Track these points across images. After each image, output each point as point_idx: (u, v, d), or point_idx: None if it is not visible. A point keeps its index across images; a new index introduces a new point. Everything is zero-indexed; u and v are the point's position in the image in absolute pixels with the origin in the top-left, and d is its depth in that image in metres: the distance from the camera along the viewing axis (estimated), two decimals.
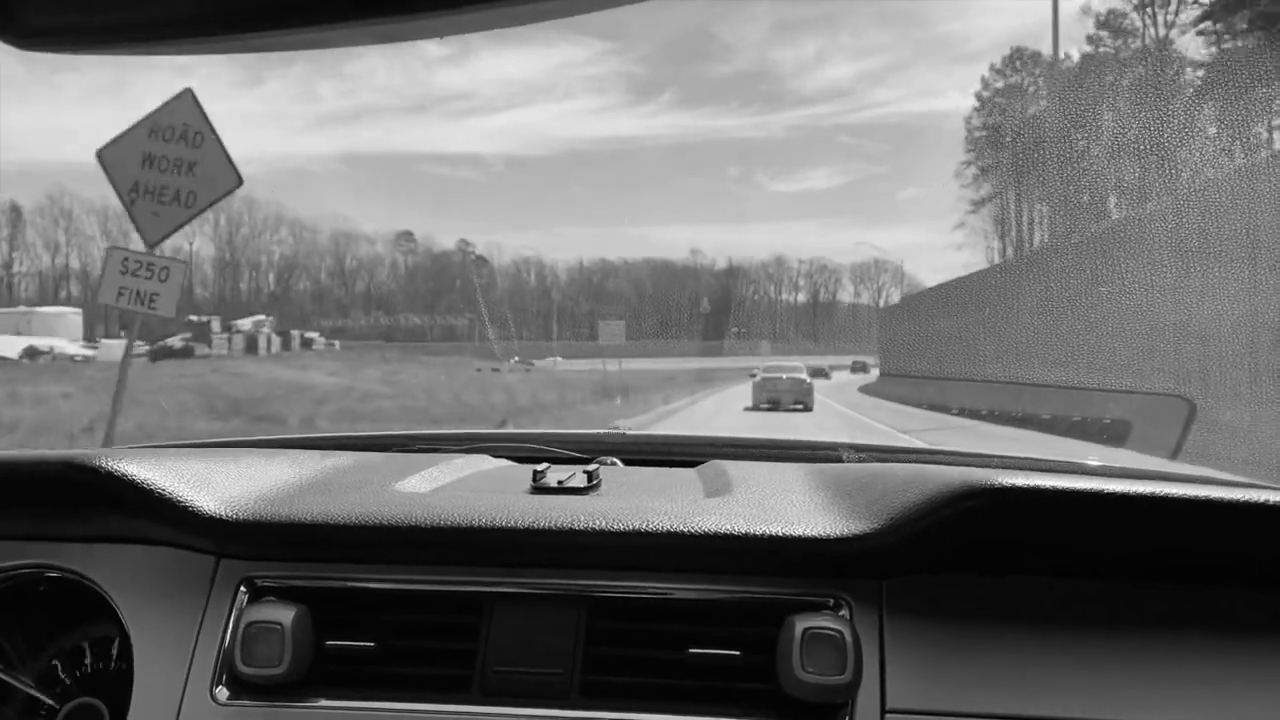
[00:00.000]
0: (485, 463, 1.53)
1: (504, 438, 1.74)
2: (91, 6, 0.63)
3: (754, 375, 19.09)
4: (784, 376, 18.58)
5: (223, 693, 1.04)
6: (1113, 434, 8.40)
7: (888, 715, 0.98)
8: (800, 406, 17.87)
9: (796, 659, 0.98)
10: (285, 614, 1.05)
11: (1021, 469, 1.15)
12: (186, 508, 1.10)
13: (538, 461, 1.41)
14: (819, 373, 25.37)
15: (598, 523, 1.07)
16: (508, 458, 1.61)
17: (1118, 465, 1.45)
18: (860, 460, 1.55)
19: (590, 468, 1.32)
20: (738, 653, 1.03)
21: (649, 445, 1.78)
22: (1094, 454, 1.55)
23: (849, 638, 0.99)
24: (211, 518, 1.10)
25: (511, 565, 1.10)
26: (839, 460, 1.57)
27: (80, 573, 1.15)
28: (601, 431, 1.85)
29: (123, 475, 1.10)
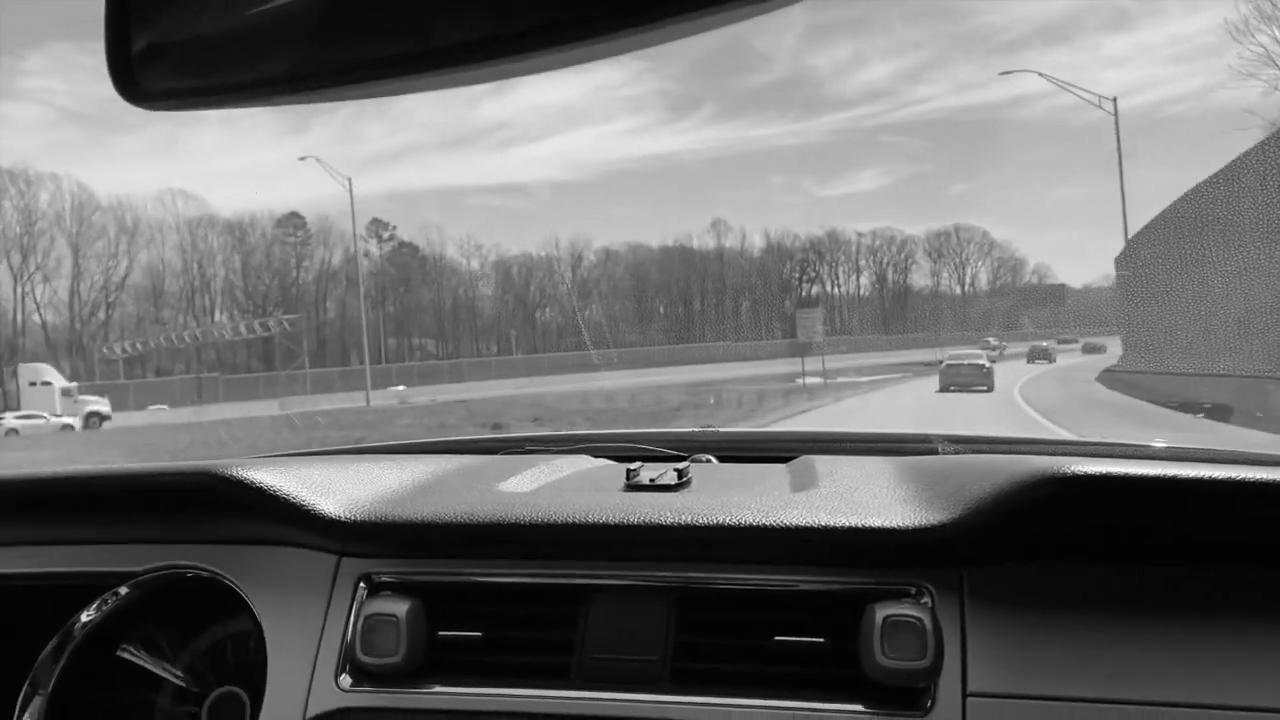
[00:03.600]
0: (584, 462, 1.60)
1: (604, 438, 1.81)
2: (205, 71, 0.71)
3: (940, 363, 23.30)
4: (965, 363, 22.43)
5: (346, 680, 1.14)
6: None
7: (969, 699, 1.01)
8: (983, 388, 20.90)
9: (877, 645, 1.02)
10: (401, 607, 1.13)
11: (1103, 455, 1.16)
12: (310, 511, 1.19)
13: (635, 460, 1.47)
14: (1041, 354, 30.41)
15: (685, 518, 1.13)
16: (607, 457, 1.67)
17: (1189, 447, 1.43)
18: (954, 452, 1.56)
19: (681, 465, 1.38)
20: (821, 639, 1.07)
21: (743, 441, 1.83)
22: None
23: (929, 624, 1.02)
24: (333, 520, 1.19)
25: (606, 559, 1.16)
26: (934, 452, 1.58)
27: (219, 572, 1.26)
28: (697, 430, 1.90)
29: (253, 483, 1.20)
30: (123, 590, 1.29)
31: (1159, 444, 1.50)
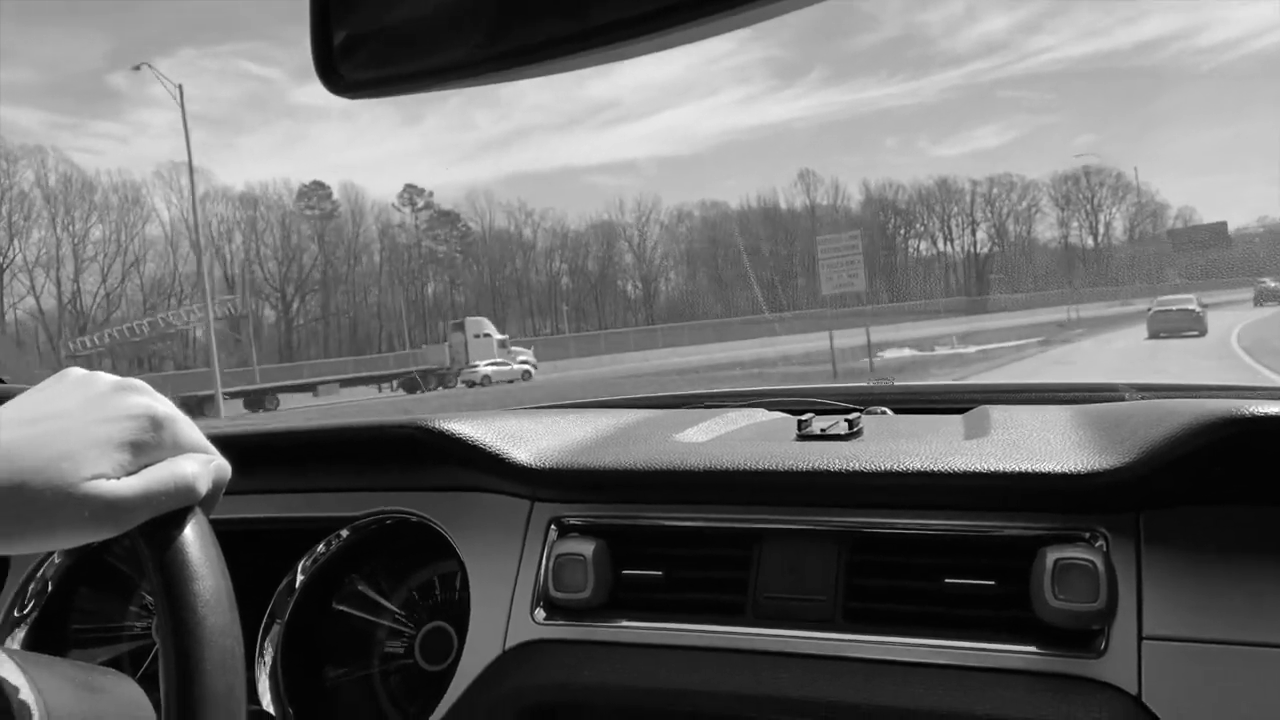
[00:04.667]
0: (759, 415, 1.65)
1: (779, 393, 1.85)
2: (397, 59, 0.79)
3: (1150, 310, 24.08)
4: (1175, 309, 23.05)
5: (540, 614, 1.24)
6: None
7: (1145, 642, 1.00)
8: (1194, 333, 21.31)
9: (1048, 587, 1.02)
10: (587, 547, 1.22)
11: None
12: (505, 460, 1.30)
13: (808, 413, 1.50)
14: (1269, 295, 30.49)
15: (853, 465, 1.16)
16: (782, 411, 1.71)
17: None
18: (1140, 398, 1.52)
19: (852, 416, 1.41)
20: (992, 582, 1.09)
21: (920, 394, 1.83)
22: None
23: (1101, 567, 1.02)
24: (525, 467, 1.29)
25: (777, 505, 1.21)
26: (1120, 400, 1.54)
27: (426, 517, 1.38)
28: (873, 384, 1.92)
29: (454, 434, 1.31)
30: (344, 533, 1.44)
31: None
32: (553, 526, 1.29)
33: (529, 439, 1.35)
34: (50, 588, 1.56)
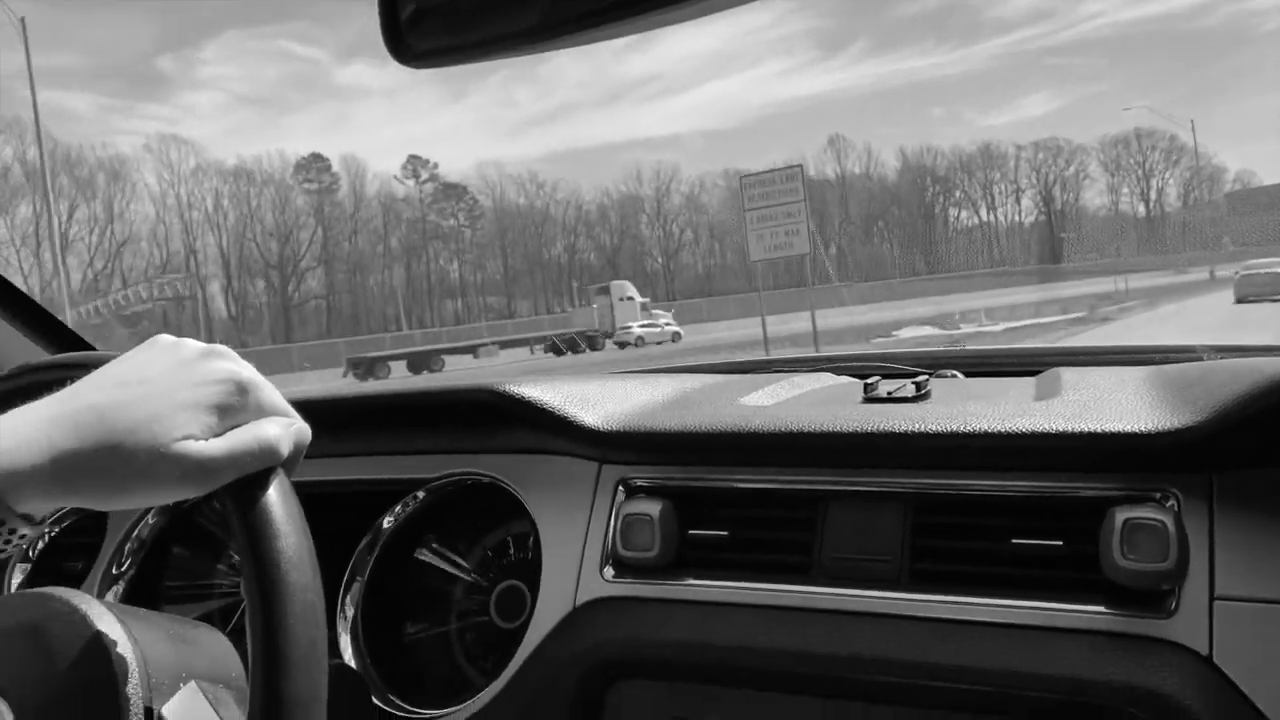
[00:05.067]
0: (825, 379, 1.66)
1: (848, 358, 1.84)
2: (462, 28, 0.81)
3: (1235, 275, 24.35)
4: (1263, 272, 23.15)
5: (609, 572, 1.27)
6: None
7: (1216, 602, 0.99)
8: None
9: (1117, 547, 1.02)
10: (654, 508, 1.24)
11: None
12: (574, 422, 1.32)
13: (876, 376, 1.50)
14: None
15: (919, 426, 1.16)
16: (849, 375, 1.71)
17: None
18: (1218, 358, 1.48)
19: (920, 378, 1.40)
20: (1060, 543, 1.08)
21: (991, 358, 1.81)
22: None
23: (1172, 527, 1.01)
24: (593, 430, 1.31)
25: (843, 466, 1.21)
26: (1197, 360, 1.51)
27: (499, 478, 1.42)
28: (943, 348, 1.90)
29: (524, 397, 1.34)
30: (420, 495, 1.48)
31: None
32: (620, 488, 1.32)
33: (597, 403, 1.37)
34: (145, 547, 1.64)
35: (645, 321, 42.35)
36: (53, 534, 1.72)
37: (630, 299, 44.41)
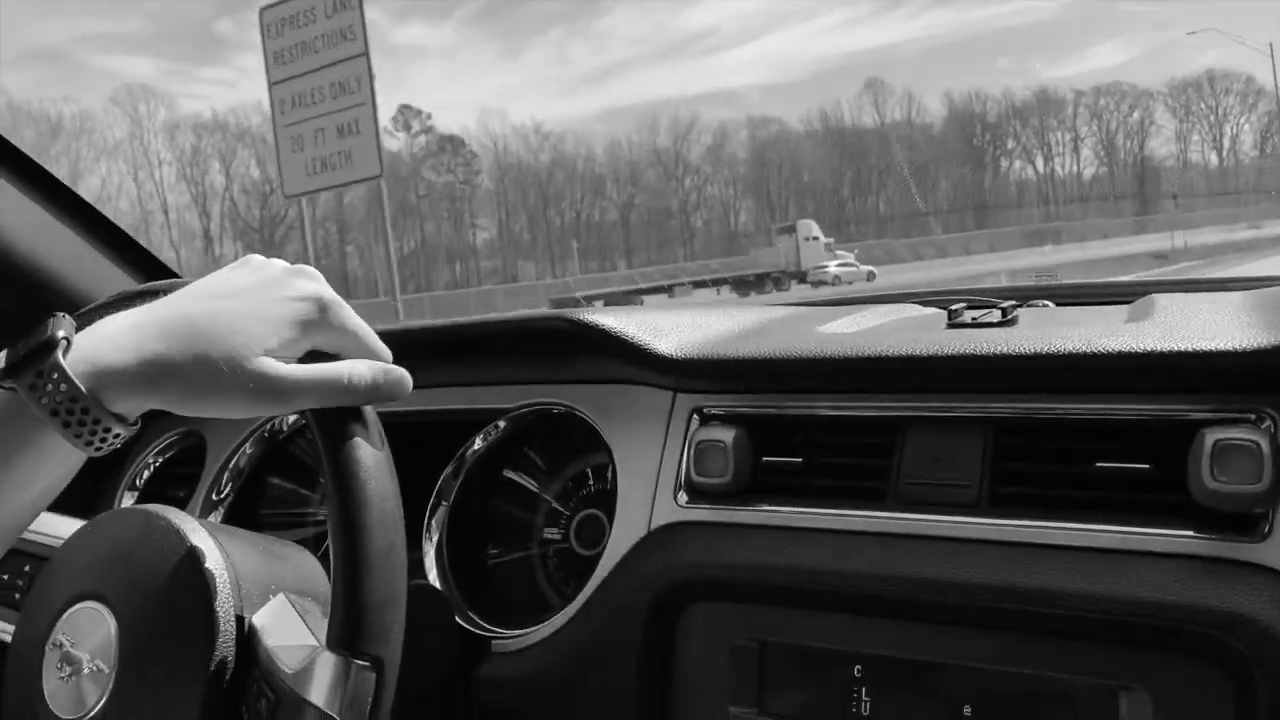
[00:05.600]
0: (909, 309, 1.62)
1: (937, 292, 1.81)
2: None
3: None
4: None
5: (682, 497, 1.27)
6: None
7: None
8: None
9: (1206, 469, 0.98)
10: (728, 434, 1.24)
11: None
12: (648, 350, 1.32)
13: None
14: None
15: (1002, 348, 1.13)
16: (937, 306, 1.67)
17: None
18: None
19: (1006, 304, 1.36)
20: (1146, 465, 1.05)
21: (1086, 289, 1.75)
22: None
23: (1267, 449, 0.97)
24: (668, 358, 1.32)
25: (922, 391, 1.19)
26: None
27: (575, 407, 1.43)
28: (1034, 283, 1.85)
29: (599, 325, 1.35)
30: (501, 424, 1.51)
31: None
32: (695, 416, 1.32)
33: (671, 331, 1.37)
34: (243, 475, 1.71)
35: (844, 261, 41.82)
36: (158, 464, 1.81)
37: (815, 238, 44.17)
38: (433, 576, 1.44)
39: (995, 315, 1.33)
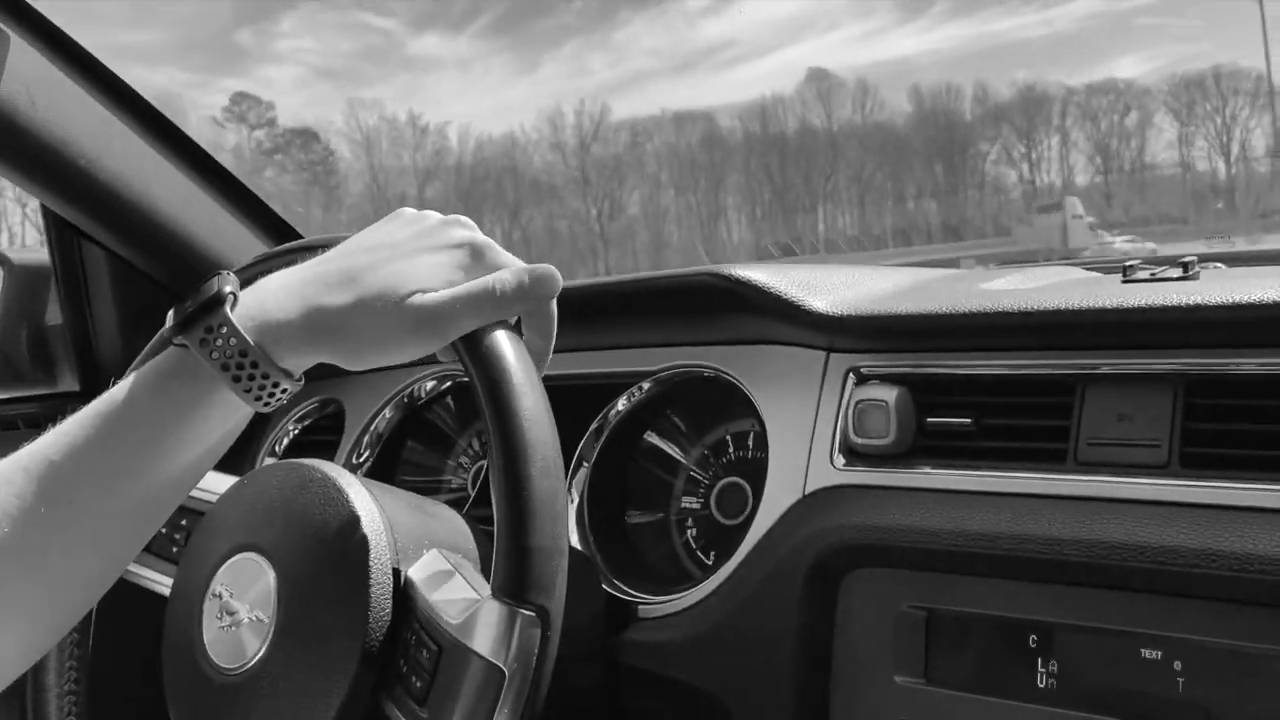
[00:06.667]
0: (1074, 272, 1.53)
1: (1098, 257, 1.70)
2: None
3: None
4: None
5: (840, 460, 1.21)
6: None
7: None
8: None
9: None
10: (889, 394, 1.18)
11: None
12: (801, 307, 1.27)
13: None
14: None
15: (1188, 300, 1.05)
16: (1102, 272, 1.57)
17: None
18: None
19: (1187, 259, 1.26)
20: None
21: (1266, 254, 1.63)
22: None
23: None
24: (823, 314, 1.26)
25: (1102, 348, 1.11)
26: None
27: (722, 369, 1.39)
28: (1205, 251, 1.72)
29: (749, 280, 1.30)
30: (645, 385, 1.47)
31: None
32: (851, 375, 1.26)
33: (826, 289, 1.32)
34: (382, 440, 1.71)
35: (1128, 237, 39.71)
36: (296, 431, 1.83)
37: (1080, 216, 42.94)
38: (575, 539, 1.42)
39: (1174, 271, 1.24)
